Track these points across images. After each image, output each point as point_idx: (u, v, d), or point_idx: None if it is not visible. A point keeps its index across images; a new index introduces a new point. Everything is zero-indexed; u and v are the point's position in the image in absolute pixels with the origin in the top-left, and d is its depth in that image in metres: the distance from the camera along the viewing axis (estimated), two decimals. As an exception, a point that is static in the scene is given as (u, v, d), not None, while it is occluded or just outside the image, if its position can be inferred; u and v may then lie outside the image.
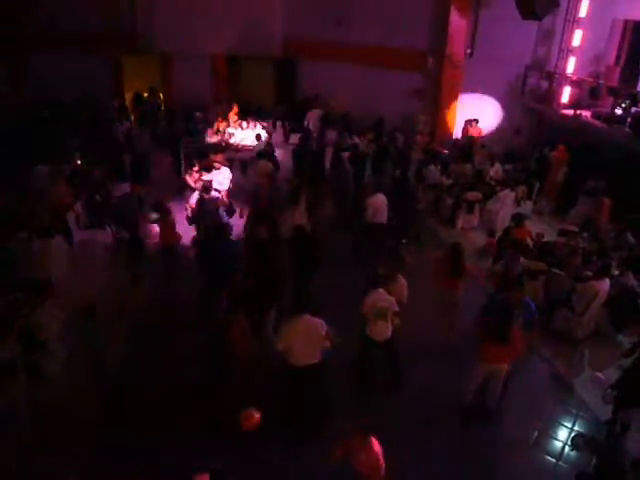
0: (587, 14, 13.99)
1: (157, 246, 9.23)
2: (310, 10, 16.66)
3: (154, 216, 8.98)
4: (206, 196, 9.24)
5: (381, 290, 6.62)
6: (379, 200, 9.76)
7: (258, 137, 13.41)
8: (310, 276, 8.17)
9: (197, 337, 7.17)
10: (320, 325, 5.98)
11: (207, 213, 9.12)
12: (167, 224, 8.90)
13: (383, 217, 9.79)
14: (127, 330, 7.81)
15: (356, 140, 13.96)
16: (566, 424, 6.65)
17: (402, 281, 7.00)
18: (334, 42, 16.46)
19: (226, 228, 8.36)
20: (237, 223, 9.85)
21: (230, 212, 10.24)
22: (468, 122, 15.43)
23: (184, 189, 11.18)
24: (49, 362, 6.52)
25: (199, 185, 9.71)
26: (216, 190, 9.87)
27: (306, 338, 5.95)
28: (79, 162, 11.57)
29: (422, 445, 6.17)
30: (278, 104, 18.00)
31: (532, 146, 14.47)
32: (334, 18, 16.04)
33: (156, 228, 9.19)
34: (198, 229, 9.33)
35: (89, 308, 6.42)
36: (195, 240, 9.29)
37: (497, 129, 15.24)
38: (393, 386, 7.01)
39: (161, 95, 17.72)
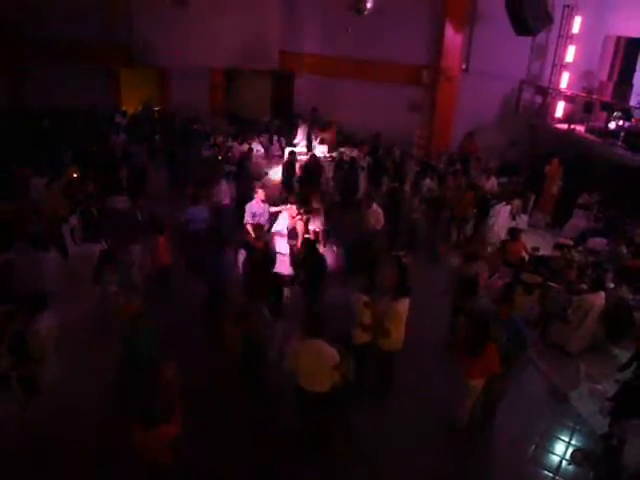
0: (580, 30, 14.19)
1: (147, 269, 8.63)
2: (307, 24, 16.85)
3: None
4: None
5: (363, 297, 6.58)
6: (376, 209, 10.27)
7: (250, 150, 13.52)
8: (319, 292, 8.14)
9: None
10: (332, 356, 5.70)
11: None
12: (159, 243, 8.32)
13: (380, 225, 10.31)
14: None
15: (347, 152, 14.10)
16: (563, 438, 6.63)
17: (391, 304, 6.65)
18: (331, 56, 16.62)
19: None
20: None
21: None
22: (465, 135, 15.55)
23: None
24: (44, 376, 6.46)
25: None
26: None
27: (314, 364, 5.71)
28: (75, 175, 11.56)
29: (416, 460, 6.14)
30: (275, 117, 18.14)
31: (527, 160, 14.57)
32: (332, 32, 16.22)
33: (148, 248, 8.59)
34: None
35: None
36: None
37: (492, 143, 15.33)
38: (381, 392, 7.00)
39: (157, 108, 17.81)
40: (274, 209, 10.25)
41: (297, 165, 13.18)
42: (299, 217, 9.52)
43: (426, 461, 6.15)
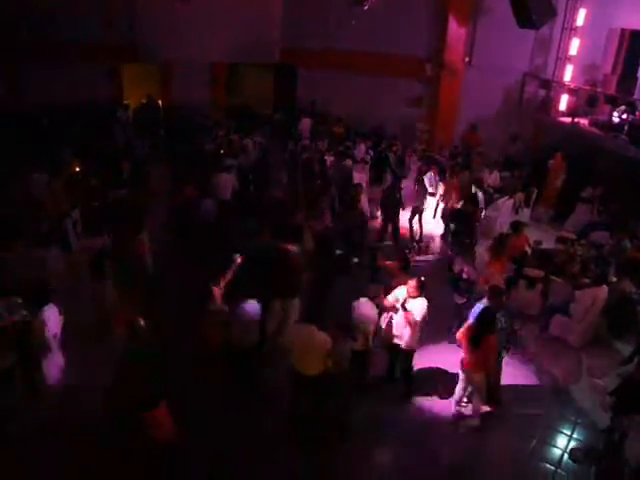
0: (584, 23, 14.09)
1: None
2: (309, 17, 16.77)
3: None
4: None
5: (364, 300, 6.57)
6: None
7: (256, 145, 13.51)
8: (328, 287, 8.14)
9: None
10: (324, 341, 5.88)
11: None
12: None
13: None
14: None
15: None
16: (564, 431, 6.63)
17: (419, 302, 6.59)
18: (333, 49, 16.55)
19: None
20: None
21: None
22: (467, 129, 15.49)
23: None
24: (47, 370, 6.47)
25: None
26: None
27: (304, 347, 5.92)
28: (78, 169, 11.57)
29: (418, 453, 6.15)
30: (276, 111, 18.11)
31: (530, 154, 14.51)
32: (333, 25, 16.13)
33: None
34: None
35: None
36: None
37: (495, 136, 15.26)
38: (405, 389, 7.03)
39: (159, 102, 17.78)
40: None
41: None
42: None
43: (427, 455, 6.16)
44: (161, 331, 7.25)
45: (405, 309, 6.43)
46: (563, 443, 6.46)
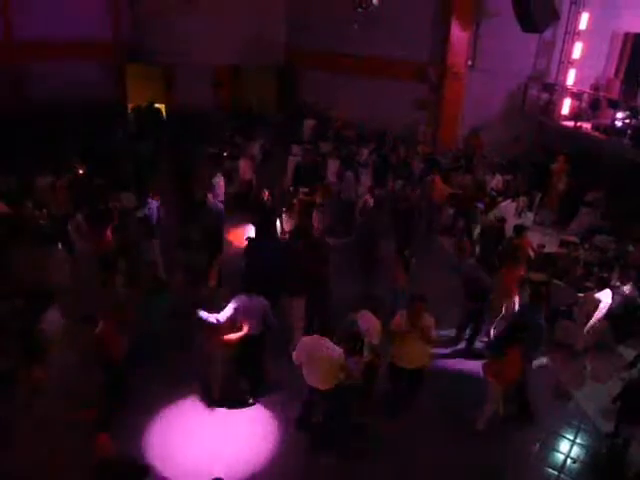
0: (587, 27, 14.07)
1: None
2: (313, 20, 16.80)
3: None
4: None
5: (365, 312, 6.47)
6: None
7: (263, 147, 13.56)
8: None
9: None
10: (335, 354, 5.73)
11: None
12: None
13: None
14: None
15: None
16: (568, 436, 6.61)
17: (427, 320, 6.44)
18: (337, 52, 16.58)
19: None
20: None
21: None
22: (470, 133, 15.49)
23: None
24: (50, 371, 6.48)
25: None
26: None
27: (313, 360, 5.80)
28: (81, 171, 11.59)
29: (421, 458, 6.16)
30: (279, 113, 18.14)
31: (532, 157, 14.50)
32: (337, 29, 16.15)
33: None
34: None
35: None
36: None
37: (498, 140, 15.24)
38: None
39: (162, 106, 17.83)
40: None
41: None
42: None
43: (431, 457, 6.16)
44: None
45: (422, 333, 6.28)
46: (566, 448, 6.43)
